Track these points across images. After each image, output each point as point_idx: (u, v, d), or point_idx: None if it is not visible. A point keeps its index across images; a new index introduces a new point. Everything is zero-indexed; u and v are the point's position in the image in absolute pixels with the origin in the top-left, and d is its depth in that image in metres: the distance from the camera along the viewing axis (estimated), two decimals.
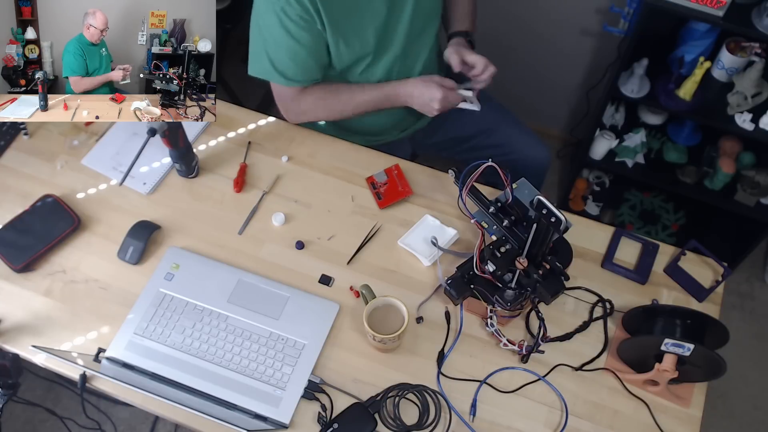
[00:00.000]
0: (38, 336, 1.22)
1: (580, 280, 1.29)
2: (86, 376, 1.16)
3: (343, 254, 1.32)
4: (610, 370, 1.20)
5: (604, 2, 2.00)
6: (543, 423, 1.15)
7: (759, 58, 1.79)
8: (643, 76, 1.90)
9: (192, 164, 1.38)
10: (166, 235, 1.34)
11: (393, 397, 1.16)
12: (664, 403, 1.17)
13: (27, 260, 1.28)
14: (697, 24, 1.80)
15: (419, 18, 1.37)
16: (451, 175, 1.26)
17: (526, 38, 2.25)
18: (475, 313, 1.25)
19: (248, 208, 1.37)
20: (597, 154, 2.16)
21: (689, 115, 1.90)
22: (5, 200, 1.37)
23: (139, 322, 1.22)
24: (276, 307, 1.24)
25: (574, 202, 2.47)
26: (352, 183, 1.42)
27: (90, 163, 1.43)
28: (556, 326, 1.24)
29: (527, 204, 1.20)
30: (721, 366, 1.09)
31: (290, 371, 1.17)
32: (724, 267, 1.30)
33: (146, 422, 1.99)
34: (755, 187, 2.00)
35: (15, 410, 1.98)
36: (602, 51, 2.15)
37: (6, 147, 1.44)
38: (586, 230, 1.36)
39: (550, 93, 2.44)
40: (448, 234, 1.34)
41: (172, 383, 1.16)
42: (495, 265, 1.12)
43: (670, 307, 1.22)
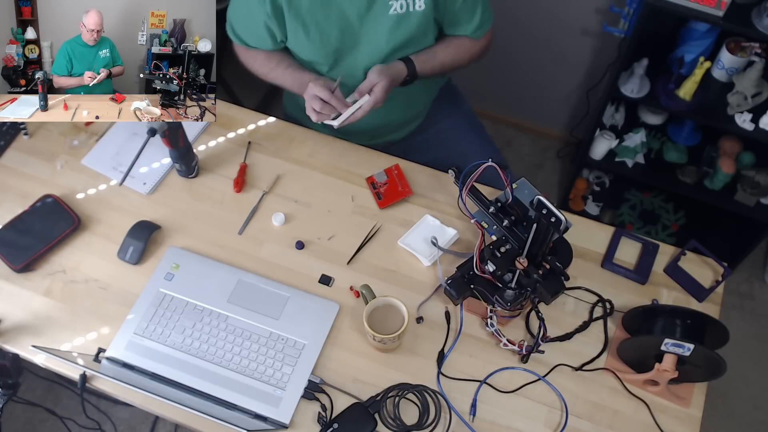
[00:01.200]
0: (38, 336, 1.22)
1: (580, 280, 1.29)
2: (86, 376, 1.16)
3: (343, 254, 1.32)
4: (610, 370, 1.20)
5: (604, 2, 2.00)
6: (543, 423, 1.15)
7: (759, 58, 1.79)
8: (643, 76, 1.90)
9: (192, 164, 1.38)
10: (166, 235, 1.34)
11: (393, 397, 1.16)
12: (664, 403, 1.17)
13: (27, 260, 1.28)
14: (697, 24, 1.80)
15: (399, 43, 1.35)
16: (451, 175, 1.26)
17: (526, 38, 2.25)
18: (475, 313, 1.25)
19: (248, 208, 1.37)
20: (597, 154, 2.16)
21: (689, 115, 1.90)
22: (5, 200, 1.37)
23: (139, 322, 1.22)
24: (276, 307, 1.24)
25: (574, 202, 2.47)
26: (352, 183, 1.42)
27: (90, 163, 1.43)
28: (556, 326, 1.24)
29: (527, 204, 1.20)
30: (721, 366, 1.09)
31: (290, 371, 1.17)
32: (724, 267, 1.30)
33: (146, 422, 1.99)
34: (755, 187, 2.00)
35: (15, 410, 1.99)
36: (602, 51, 2.15)
37: (6, 147, 1.44)
38: (586, 230, 1.36)
39: (550, 93, 2.44)
40: (448, 234, 1.34)
41: (172, 383, 1.16)
42: (495, 265, 1.12)
43: (670, 307, 1.22)
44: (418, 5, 1.30)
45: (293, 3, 1.29)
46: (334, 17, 1.31)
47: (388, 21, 1.31)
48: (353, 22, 1.31)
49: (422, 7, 1.30)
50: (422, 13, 1.31)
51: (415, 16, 1.31)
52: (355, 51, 1.36)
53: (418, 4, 1.30)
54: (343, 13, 1.30)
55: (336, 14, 1.30)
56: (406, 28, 1.33)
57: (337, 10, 1.30)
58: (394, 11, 1.30)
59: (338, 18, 1.31)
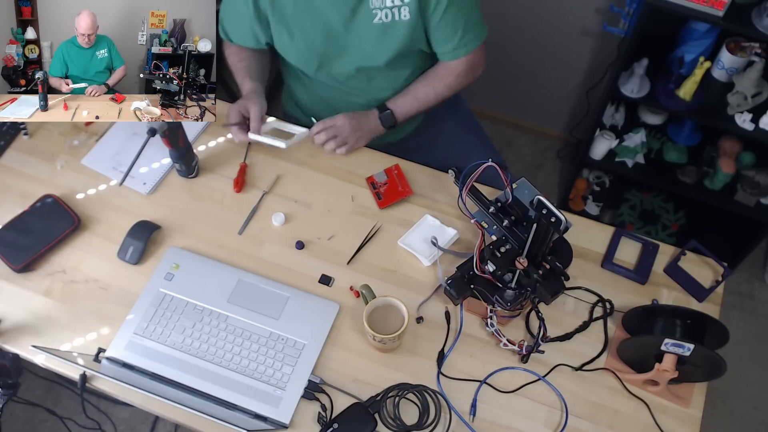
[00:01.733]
0: (38, 336, 1.22)
1: (580, 280, 1.29)
2: (86, 376, 1.16)
3: (343, 254, 1.32)
4: (610, 370, 1.20)
5: (604, 2, 2.00)
6: (543, 423, 1.15)
7: (759, 58, 1.79)
8: (643, 76, 1.90)
9: (192, 164, 1.38)
10: (166, 235, 1.34)
11: (393, 397, 1.16)
12: (664, 403, 1.17)
13: (27, 260, 1.28)
14: (697, 24, 1.80)
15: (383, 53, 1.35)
16: (451, 175, 1.26)
17: (526, 38, 2.25)
18: (475, 313, 1.25)
19: (248, 208, 1.37)
20: (597, 154, 2.16)
21: (689, 115, 1.90)
22: (5, 200, 1.37)
23: (139, 322, 1.22)
24: (276, 307, 1.24)
25: (574, 202, 2.47)
26: (352, 183, 1.42)
27: (90, 163, 1.43)
28: (556, 326, 1.24)
29: (527, 204, 1.20)
30: (721, 366, 1.09)
31: (290, 371, 1.17)
32: (724, 267, 1.30)
33: (146, 422, 1.99)
34: (755, 187, 2.00)
35: (15, 410, 1.99)
36: (602, 51, 2.15)
37: (6, 147, 1.44)
38: (586, 230, 1.36)
39: (550, 93, 2.44)
40: (448, 234, 1.34)
41: (172, 383, 1.16)
42: (495, 265, 1.12)
43: (670, 307, 1.22)
44: (404, 15, 1.29)
45: (277, 7, 1.30)
46: (318, 23, 1.31)
47: (373, 30, 1.31)
48: (338, 29, 1.32)
49: (407, 17, 1.29)
50: (407, 23, 1.30)
51: (401, 26, 1.30)
52: (342, 57, 1.37)
53: (404, 14, 1.29)
54: (327, 19, 1.31)
55: (320, 20, 1.31)
56: (393, 37, 1.32)
57: (321, 17, 1.30)
58: (379, 20, 1.29)
59: (322, 24, 1.31)
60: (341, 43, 1.34)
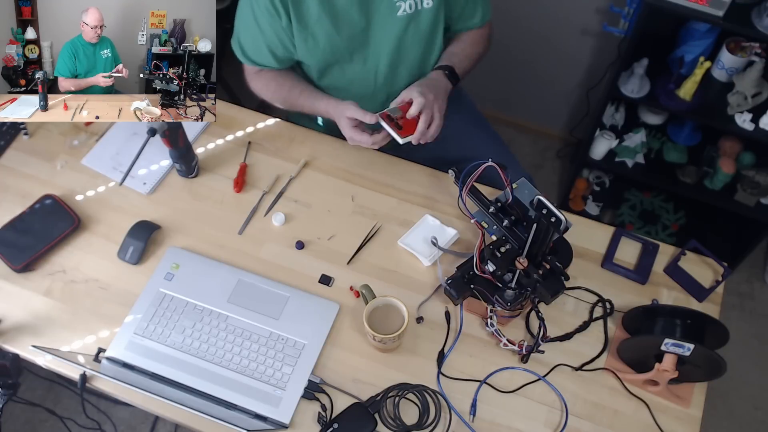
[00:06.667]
0: (38, 336, 1.22)
1: (580, 280, 1.29)
2: (86, 376, 1.16)
3: (343, 254, 1.32)
4: (610, 370, 1.20)
5: (604, 2, 2.00)
6: (543, 423, 1.15)
7: (759, 58, 1.79)
8: (643, 76, 1.90)
9: (192, 164, 1.38)
10: (166, 235, 1.34)
11: (393, 397, 1.16)
12: (664, 403, 1.17)
13: (27, 260, 1.28)
14: (697, 24, 1.80)
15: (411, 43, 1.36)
16: (451, 175, 1.26)
17: (526, 38, 2.25)
18: (475, 313, 1.25)
19: (248, 208, 1.37)
20: (597, 154, 2.16)
21: (689, 115, 1.90)
22: (5, 200, 1.37)
23: (139, 322, 1.22)
24: (276, 307, 1.24)
25: (574, 202, 2.47)
26: (352, 183, 1.42)
27: (90, 163, 1.43)
28: (556, 326, 1.24)
29: (527, 204, 1.20)
30: (721, 366, 1.09)
31: (290, 371, 1.17)
32: (724, 267, 1.30)
33: (146, 422, 1.99)
34: (755, 187, 2.00)
35: (15, 410, 1.99)
36: (602, 51, 2.15)
37: (6, 147, 1.44)
38: (586, 230, 1.36)
39: (550, 93, 2.44)
40: (448, 234, 1.34)
41: (172, 383, 1.16)
42: (495, 265, 1.12)
43: (670, 307, 1.22)
44: (426, 2, 1.31)
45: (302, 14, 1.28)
46: (343, 23, 1.31)
47: (398, 22, 1.32)
48: (363, 26, 1.32)
49: (430, 3, 1.31)
50: (430, 10, 1.32)
51: (424, 13, 1.32)
52: (363, 51, 1.37)
53: (426, 2, 1.31)
54: (351, 19, 1.30)
55: (344, 21, 1.30)
56: (416, 26, 1.34)
57: (345, 17, 1.30)
58: (403, 12, 1.31)
59: (347, 25, 1.31)
60: (365, 39, 1.34)
